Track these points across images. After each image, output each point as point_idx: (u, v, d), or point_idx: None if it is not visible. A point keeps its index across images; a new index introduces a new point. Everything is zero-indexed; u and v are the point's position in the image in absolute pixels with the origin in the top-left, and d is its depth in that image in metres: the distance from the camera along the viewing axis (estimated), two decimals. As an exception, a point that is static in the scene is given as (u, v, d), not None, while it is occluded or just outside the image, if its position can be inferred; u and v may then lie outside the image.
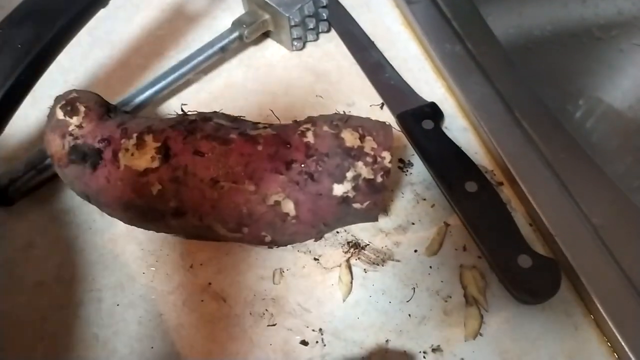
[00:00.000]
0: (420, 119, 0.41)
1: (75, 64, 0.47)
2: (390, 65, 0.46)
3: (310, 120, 0.34)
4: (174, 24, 0.51)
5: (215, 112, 0.35)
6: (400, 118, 0.42)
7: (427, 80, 0.46)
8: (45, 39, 0.34)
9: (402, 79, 0.45)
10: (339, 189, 0.31)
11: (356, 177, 0.31)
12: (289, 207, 0.32)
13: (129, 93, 0.43)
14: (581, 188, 0.38)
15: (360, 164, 0.31)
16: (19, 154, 0.42)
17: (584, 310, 0.34)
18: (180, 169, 0.32)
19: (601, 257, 0.35)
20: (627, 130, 0.59)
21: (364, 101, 0.45)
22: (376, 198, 0.32)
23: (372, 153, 0.31)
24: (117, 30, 0.50)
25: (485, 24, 0.49)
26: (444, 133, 0.40)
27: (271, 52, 0.48)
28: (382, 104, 0.44)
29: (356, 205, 0.32)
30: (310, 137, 0.32)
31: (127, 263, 0.37)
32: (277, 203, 0.32)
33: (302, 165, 0.32)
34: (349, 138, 0.32)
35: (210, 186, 0.32)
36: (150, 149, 0.32)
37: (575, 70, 0.63)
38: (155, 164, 0.32)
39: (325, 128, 0.32)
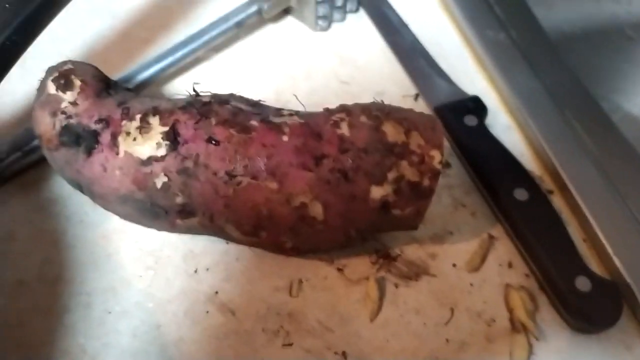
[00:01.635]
0: (462, 114, 0.36)
1: (72, 34, 0.42)
2: (426, 51, 0.41)
3: (344, 108, 0.29)
4: (183, -6, 0.46)
5: (232, 94, 0.30)
6: (438, 112, 0.37)
7: (466, 71, 0.41)
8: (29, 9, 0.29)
9: (440, 67, 0.40)
10: (377, 192, 0.27)
11: (399, 179, 0.26)
12: (316, 210, 0.27)
13: (131, 69, 0.38)
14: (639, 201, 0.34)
15: (404, 163, 0.26)
16: (3, 133, 0.37)
17: (646, 342, 0.30)
18: (191, 159, 0.27)
19: (666, 281, 0.31)
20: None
21: (395, 90, 0.40)
22: (420, 205, 0.27)
23: (419, 151, 0.26)
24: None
25: (530, 11, 0.45)
26: (489, 132, 0.35)
27: (292, 31, 0.43)
28: (417, 95, 0.39)
29: (396, 212, 0.27)
30: (344, 129, 0.27)
31: (122, 264, 0.32)
32: (303, 205, 0.27)
33: (335, 162, 0.27)
34: (392, 132, 0.27)
35: (225, 181, 0.27)
36: (156, 134, 0.27)
37: (603, 70, 0.59)
38: (162, 152, 0.27)
39: (363, 119, 0.27)
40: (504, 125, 0.38)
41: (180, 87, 0.40)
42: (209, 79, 0.40)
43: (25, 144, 0.34)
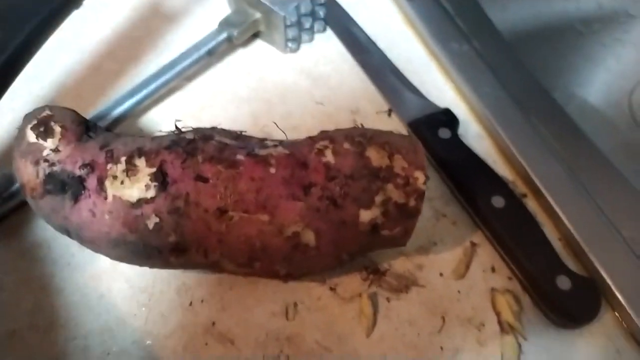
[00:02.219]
0: (436, 128, 0.37)
1: (41, 72, 0.41)
2: (395, 67, 0.42)
3: (327, 136, 0.29)
4: (150, 24, 0.46)
5: (214, 127, 0.31)
6: (412, 126, 0.38)
7: (434, 84, 0.42)
8: (12, 46, 0.29)
9: (410, 82, 0.41)
10: (366, 215, 0.28)
11: (386, 202, 0.27)
12: (309, 237, 0.28)
13: (105, 105, 0.37)
14: (608, 198, 0.36)
15: (390, 186, 0.27)
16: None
17: (625, 332, 0.32)
18: (181, 199, 0.27)
19: (636, 272, 0.33)
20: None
21: (369, 107, 0.41)
22: (408, 224, 0.28)
23: (404, 174, 0.28)
24: (86, 33, 0.44)
25: (489, 20, 0.46)
26: (462, 143, 0.37)
27: (262, 54, 0.44)
28: (390, 110, 0.40)
29: (385, 233, 0.28)
30: (329, 157, 0.28)
31: (115, 303, 0.32)
32: (296, 234, 0.27)
33: (323, 189, 0.27)
34: (376, 157, 0.28)
35: (217, 217, 0.27)
36: (144, 176, 0.27)
37: (558, 66, 0.62)
38: (151, 194, 0.27)
39: (347, 145, 0.28)
40: (475, 134, 0.40)
41: (156, 119, 0.40)
42: (184, 108, 0.40)
43: (4, 190, 0.34)
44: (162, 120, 0.40)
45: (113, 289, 0.33)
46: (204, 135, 0.29)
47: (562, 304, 0.31)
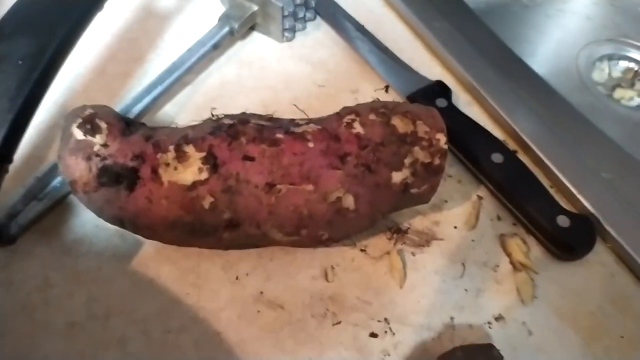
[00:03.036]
0: (433, 98, 0.41)
1: (48, 78, 0.42)
2: (386, 47, 0.46)
3: (352, 110, 0.33)
4: (146, 25, 0.47)
5: (244, 112, 0.33)
6: (411, 99, 0.42)
7: (422, 60, 0.46)
8: (48, 51, 0.30)
9: (401, 60, 0.45)
10: (397, 177, 0.31)
11: (414, 163, 0.31)
12: (349, 201, 0.31)
13: (124, 102, 0.39)
14: (584, 147, 0.41)
15: (416, 148, 0.31)
16: (9, 185, 0.37)
17: (615, 257, 0.37)
18: (232, 178, 0.30)
19: (619, 207, 0.38)
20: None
21: (368, 85, 0.44)
22: (434, 181, 0.32)
23: (427, 137, 0.31)
24: (86, 38, 0.45)
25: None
26: (459, 110, 0.41)
27: (260, 45, 0.46)
28: (387, 87, 0.44)
29: (414, 191, 0.32)
30: (358, 128, 0.31)
31: (166, 286, 0.34)
32: (338, 199, 0.31)
33: (357, 158, 0.31)
34: (400, 124, 0.31)
35: (267, 191, 0.30)
36: (195, 160, 0.30)
37: (511, 37, 0.67)
38: (204, 176, 0.30)
39: (372, 117, 0.32)
40: (465, 102, 0.44)
41: (171, 113, 0.42)
42: (196, 101, 0.43)
43: (39, 191, 0.35)
44: (176, 114, 0.42)
45: (161, 273, 0.35)
46: (242, 119, 0.32)
47: (563, 240, 0.36)
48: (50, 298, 0.33)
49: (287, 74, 0.45)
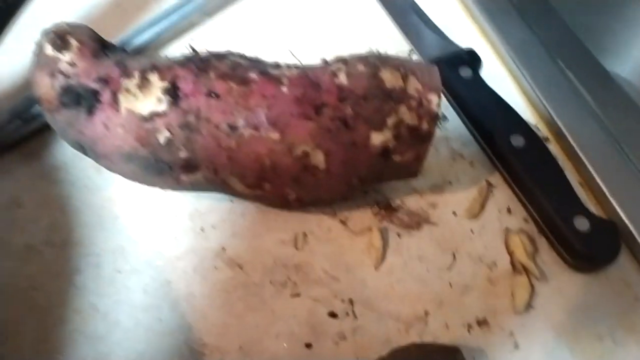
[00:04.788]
0: (457, 67, 0.36)
1: (64, 5, 0.42)
2: (417, 5, 0.41)
3: (342, 59, 0.29)
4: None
5: (229, 51, 0.30)
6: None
7: (458, 24, 0.41)
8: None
9: (432, 22, 0.40)
10: (377, 138, 0.27)
11: (398, 124, 0.27)
12: (318, 158, 0.27)
13: (126, 34, 0.38)
14: (635, 145, 0.34)
15: (403, 108, 0.27)
16: (1, 102, 0.37)
17: (643, 277, 0.31)
18: (192, 114, 0.27)
19: (662, 220, 0.31)
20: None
21: (389, 46, 0.39)
22: (420, 149, 0.28)
23: (417, 95, 0.27)
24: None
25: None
26: (484, 82, 0.36)
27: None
28: (411, 50, 0.39)
29: (396, 158, 0.28)
30: (342, 78, 0.28)
31: (129, 225, 0.33)
32: (305, 154, 0.27)
33: (335, 110, 0.27)
34: (389, 78, 0.27)
35: (228, 134, 0.27)
36: (156, 89, 0.27)
37: (593, 27, 0.59)
38: (162, 107, 0.27)
39: (361, 67, 0.28)
40: (498, 76, 0.38)
41: (175, 52, 0.40)
42: (203, 43, 0.40)
43: (25, 111, 0.35)
44: (181, 53, 0.40)
45: (128, 211, 0.33)
46: (218, 54, 0.29)
47: (579, 246, 0.30)
48: (15, 218, 0.33)
49: (303, 25, 0.41)
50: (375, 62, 0.28)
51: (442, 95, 0.28)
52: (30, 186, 0.34)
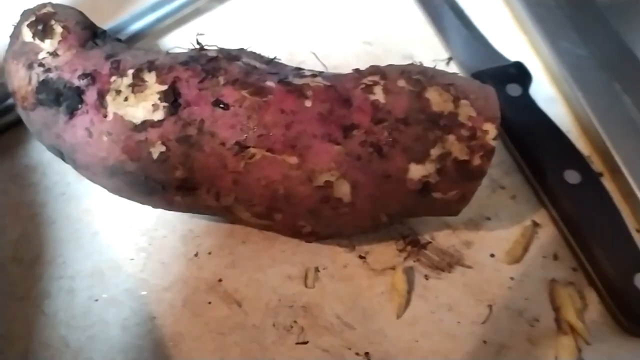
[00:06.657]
0: (503, 83, 0.31)
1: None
2: (461, 10, 0.36)
3: (378, 70, 0.24)
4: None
5: (242, 49, 0.26)
6: (476, 78, 0.32)
7: (505, 34, 0.36)
8: None
9: (477, 29, 0.35)
10: (416, 171, 0.22)
11: (444, 157, 0.22)
12: (343, 190, 0.23)
13: (123, 18, 0.33)
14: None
15: (451, 137, 0.22)
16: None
17: None
18: (194, 126, 0.22)
19: None
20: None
21: (425, 53, 0.35)
22: (467, 188, 0.23)
23: (470, 124, 0.22)
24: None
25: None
26: (535, 103, 0.31)
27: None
28: (449, 59, 0.34)
29: (437, 195, 0.23)
30: (379, 94, 0.23)
31: (110, 244, 0.28)
32: (328, 184, 0.22)
33: (367, 134, 0.22)
34: (437, 100, 0.22)
35: (235, 153, 0.22)
36: (152, 93, 0.23)
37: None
38: (159, 116, 0.22)
39: (401, 83, 0.23)
40: (547, 96, 0.33)
41: (178, 41, 0.35)
42: (211, 33, 0.35)
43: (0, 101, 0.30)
44: (185, 42, 0.35)
45: (110, 227, 0.28)
46: (229, 54, 0.24)
47: (637, 307, 0.25)
48: (-20, 227, 0.28)
49: (328, 21, 0.36)
50: (420, 78, 0.23)
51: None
52: (1, 189, 0.29)
